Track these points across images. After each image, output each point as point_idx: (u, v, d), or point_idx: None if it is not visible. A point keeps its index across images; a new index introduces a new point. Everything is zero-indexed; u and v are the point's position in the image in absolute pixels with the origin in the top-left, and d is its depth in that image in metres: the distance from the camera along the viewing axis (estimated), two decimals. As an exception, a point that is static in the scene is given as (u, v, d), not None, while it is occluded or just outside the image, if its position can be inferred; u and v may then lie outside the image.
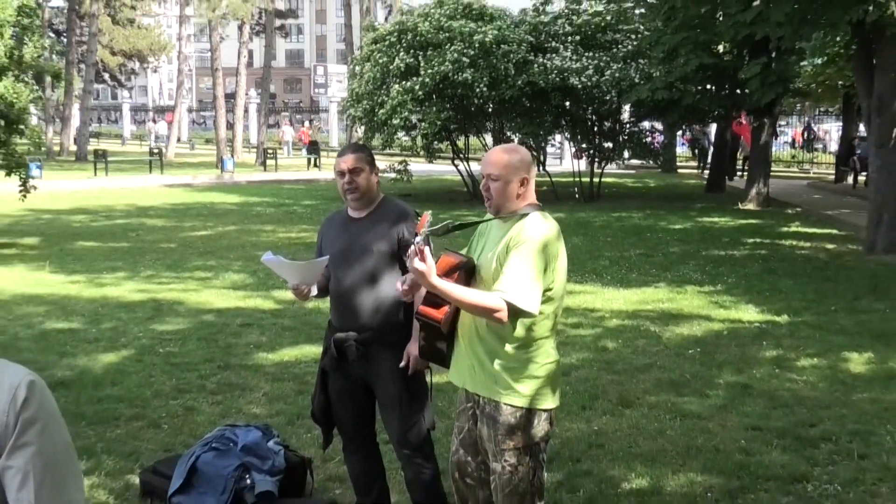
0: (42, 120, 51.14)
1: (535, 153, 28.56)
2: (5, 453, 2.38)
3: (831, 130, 51.27)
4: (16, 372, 2.47)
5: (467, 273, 4.51)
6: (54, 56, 53.66)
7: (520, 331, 4.45)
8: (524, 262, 4.30)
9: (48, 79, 21.90)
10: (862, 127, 28.16)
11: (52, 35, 56.02)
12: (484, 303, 4.26)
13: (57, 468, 2.43)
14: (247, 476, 6.21)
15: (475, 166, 29.08)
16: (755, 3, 18.80)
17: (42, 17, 53.00)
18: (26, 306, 12.71)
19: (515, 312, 4.27)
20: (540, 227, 4.40)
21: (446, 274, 4.34)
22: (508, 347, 4.47)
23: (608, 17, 28.36)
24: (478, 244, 4.74)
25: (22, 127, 18.91)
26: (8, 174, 19.03)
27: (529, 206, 4.50)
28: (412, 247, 4.17)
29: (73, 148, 52.49)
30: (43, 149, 31.21)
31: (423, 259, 4.12)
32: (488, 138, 29.34)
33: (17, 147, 19.07)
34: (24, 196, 19.82)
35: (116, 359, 10.11)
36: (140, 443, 7.52)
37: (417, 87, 25.59)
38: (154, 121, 69.73)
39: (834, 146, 47.45)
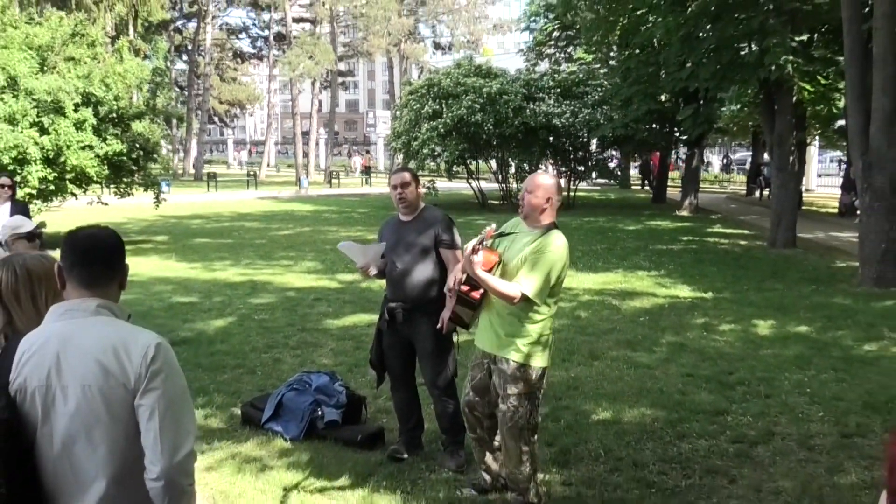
0: (170, 150, 51.25)
1: (525, 175, 28.54)
2: (138, 395, 2.40)
3: (713, 159, 51.83)
4: (147, 336, 2.49)
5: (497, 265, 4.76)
6: (178, 104, 53.87)
7: (531, 314, 4.65)
8: (542, 268, 4.57)
9: (174, 121, 22.06)
10: (766, 155, 27.97)
11: (177, 89, 56.19)
12: (506, 291, 4.53)
13: (176, 406, 2.44)
14: (319, 409, 6.24)
15: (484, 184, 29.14)
16: (688, 65, 18.78)
17: (170, 76, 53.32)
18: (159, 286, 12.77)
19: (526, 299, 4.54)
20: (559, 245, 4.65)
21: (488, 270, 4.61)
22: (521, 323, 4.66)
23: (581, 75, 28.44)
24: (503, 243, 4.86)
25: (155, 156, 19.01)
26: (145, 190, 19.16)
27: (551, 223, 4.73)
28: (471, 244, 4.55)
29: (192, 171, 52.75)
30: (170, 171, 31.42)
31: (475, 254, 4.49)
32: (493, 163, 29.27)
33: (151, 170, 19.17)
34: (157, 206, 20.02)
35: (224, 324, 10.16)
36: (241, 384, 7.56)
37: (441, 127, 25.55)
38: (238, 151, 72.09)
39: (716, 170, 48.81)
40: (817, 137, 32.53)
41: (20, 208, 8.80)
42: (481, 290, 4.73)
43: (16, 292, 2.78)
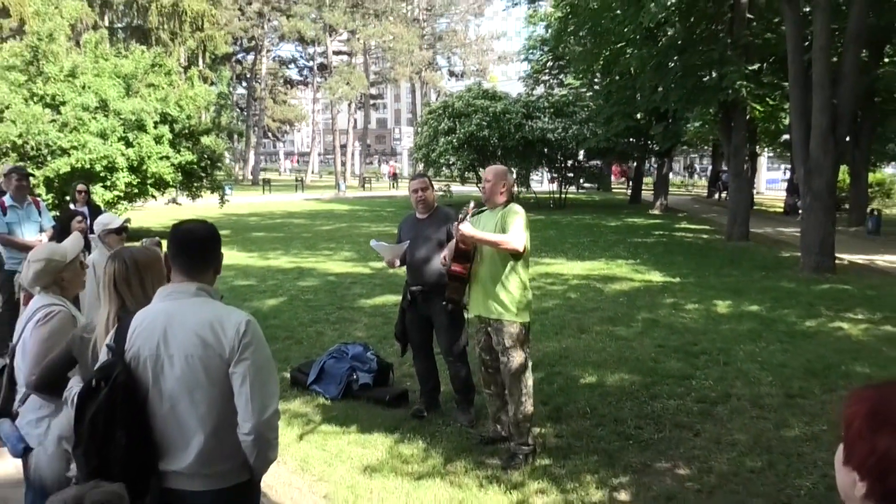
0: (232, 160, 51.40)
1: (524, 179, 28.47)
2: (232, 364, 2.41)
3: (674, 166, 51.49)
4: (239, 314, 2.50)
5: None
6: (239, 122, 53.99)
7: (511, 278, 4.80)
8: (518, 224, 4.73)
9: (235, 136, 22.13)
10: (724, 164, 27.80)
11: (237, 109, 56.06)
12: (499, 239, 4.70)
13: (263, 373, 2.45)
14: (354, 374, 6.24)
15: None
16: (660, 89, 18.66)
17: (232, 99, 53.34)
18: (223, 271, 12.68)
19: (515, 248, 4.68)
20: (520, 210, 4.82)
21: (468, 248, 4.85)
22: (506, 289, 4.81)
23: (570, 97, 28.21)
24: (475, 225, 5.00)
25: (220, 164, 19.04)
26: (212, 192, 19.20)
27: (509, 201, 4.95)
28: (460, 217, 4.79)
29: (250, 177, 52.85)
30: (232, 177, 31.47)
31: (463, 223, 4.72)
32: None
33: (217, 176, 19.20)
34: (222, 205, 20.08)
35: (276, 303, 10.16)
36: (290, 353, 7.55)
37: (455, 140, 25.47)
38: (283, 161, 73.01)
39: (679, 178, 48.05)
40: (766, 149, 32.35)
41: (97, 209, 8.77)
42: (468, 266, 4.87)
43: (127, 280, 2.82)
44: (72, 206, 8.22)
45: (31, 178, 7.83)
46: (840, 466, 1.27)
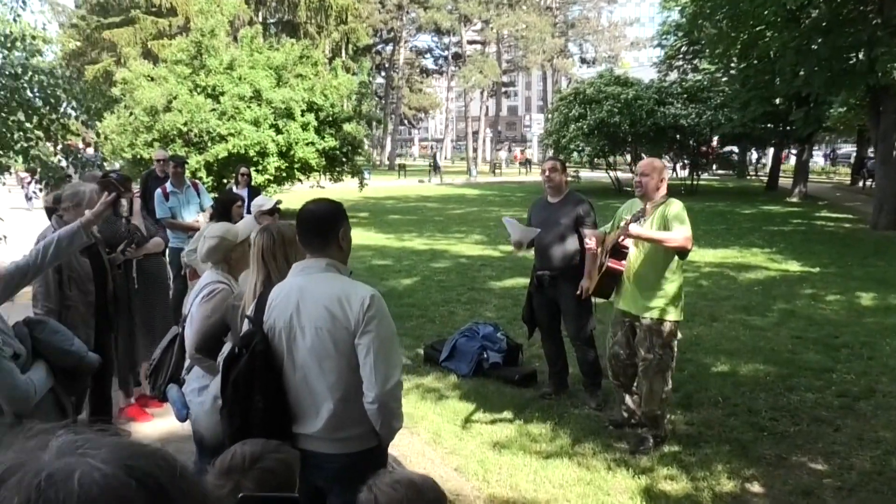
0: (370, 146, 52.69)
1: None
2: (357, 335, 2.47)
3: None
4: (365, 289, 2.57)
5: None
6: (377, 110, 55.24)
7: (667, 275, 4.58)
8: (684, 220, 4.46)
9: (374, 123, 22.53)
10: (871, 150, 25.84)
11: (376, 98, 57.38)
12: (667, 236, 4.43)
13: (386, 345, 2.50)
14: (485, 353, 6.26)
15: (619, 174, 28.30)
16: (801, 73, 17.56)
17: (372, 88, 54.67)
18: (361, 252, 13.13)
19: (684, 246, 4.46)
20: (681, 205, 4.55)
21: (624, 246, 4.61)
22: (664, 288, 4.58)
23: (705, 82, 27.02)
24: (621, 220, 4.77)
25: (360, 150, 19.53)
26: (352, 176, 19.75)
27: (667, 194, 4.62)
28: (631, 218, 4.47)
29: (387, 162, 53.99)
30: (371, 162, 32.24)
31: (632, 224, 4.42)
32: (628, 157, 28.35)
33: (357, 161, 19.72)
34: (361, 189, 20.62)
35: (411, 282, 10.35)
36: (423, 331, 7.68)
37: (585, 127, 24.99)
38: (411, 148, 74.84)
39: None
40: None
41: (256, 191, 9.24)
42: (623, 262, 4.62)
43: (273, 252, 2.95)
44: (234, 188, 8.68)
45: (186, 165, 8.34)
46: None
